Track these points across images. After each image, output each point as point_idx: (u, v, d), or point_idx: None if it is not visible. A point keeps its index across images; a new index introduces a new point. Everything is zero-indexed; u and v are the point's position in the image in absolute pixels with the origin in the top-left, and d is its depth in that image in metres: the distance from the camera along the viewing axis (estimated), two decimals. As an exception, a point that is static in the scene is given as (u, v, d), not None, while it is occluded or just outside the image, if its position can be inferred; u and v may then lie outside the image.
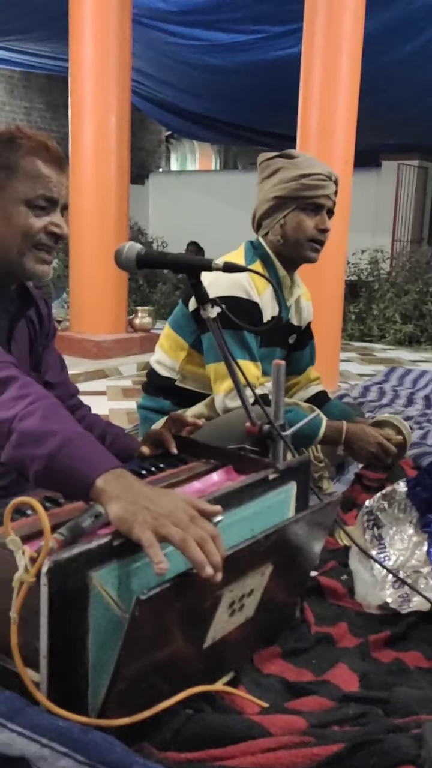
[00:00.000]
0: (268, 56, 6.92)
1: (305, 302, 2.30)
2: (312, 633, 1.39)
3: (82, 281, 5.26)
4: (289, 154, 2.13)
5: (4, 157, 1.36)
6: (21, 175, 1.36)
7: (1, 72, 9.53)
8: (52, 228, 1.39)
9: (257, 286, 2.02)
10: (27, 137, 1.39)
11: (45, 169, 1.37)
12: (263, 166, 2.14)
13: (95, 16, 4.89)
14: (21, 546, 0.94)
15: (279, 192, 2.07)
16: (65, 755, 0.89)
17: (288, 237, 2.08)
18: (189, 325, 2.09)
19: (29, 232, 1.38)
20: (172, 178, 12.06)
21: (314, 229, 2.07)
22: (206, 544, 0.96)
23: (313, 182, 2.04)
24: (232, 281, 1.94)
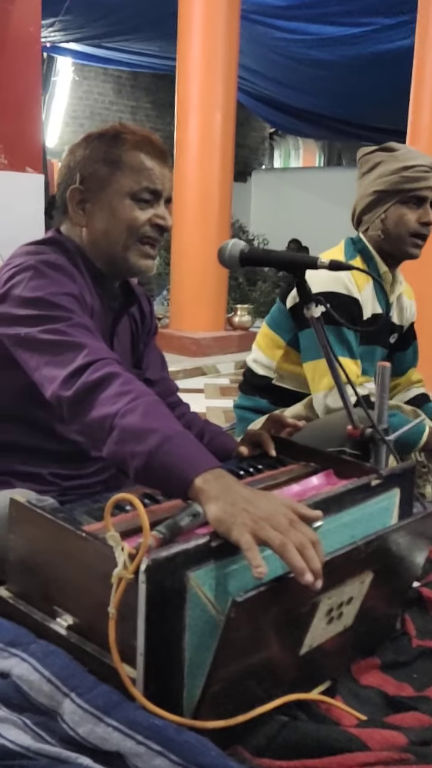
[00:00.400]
0: (377, 49, 6.79)
1: (408, 301, 2.23)
2: (413, 646, 1.34)
3: (182, 278, 5.33)
4: (389, 147, 2.06)
5: (109, 152, 1.39)
6: (126, 169, 1.38)
7: (110, 72, 9.76)
8: (157, 220, 1.41)
9: (357, 283, 1.97)
10: (131, 132, 1.41)
11: (149, 162, 1.39)
12: (363, 160, 2.09)
13: (204, 14, 4.93)
14: (120, 542, 0.95)
15: (379, 186, 2.01)
16: (160, 754, 0.89)
17: (389, 232, 2.02)
18: (286, 323, 2.06)
19: (134, 225, 1.39)
20: (275, 175, 12.03)
21: (417, 223, 1.99)
22: (306, 550, 0.94)
23: (415, 174, 1.96)
24: (332, 277, 1.90)
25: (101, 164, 1.39)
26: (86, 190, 1.41)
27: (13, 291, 1.31)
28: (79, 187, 1.41)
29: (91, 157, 1.40)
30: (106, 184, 1.40)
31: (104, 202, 1.40)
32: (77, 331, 1.26)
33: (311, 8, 6.34)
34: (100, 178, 1.40)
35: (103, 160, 1.39)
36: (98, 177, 1.40)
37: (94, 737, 0.93)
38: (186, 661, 0.98)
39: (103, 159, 1.39)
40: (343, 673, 1.23)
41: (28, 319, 1.28)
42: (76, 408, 1.18)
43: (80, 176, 1.41)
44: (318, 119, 9.85)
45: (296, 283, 1.44)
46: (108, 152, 1.39)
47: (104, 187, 1.40)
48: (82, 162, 1.41)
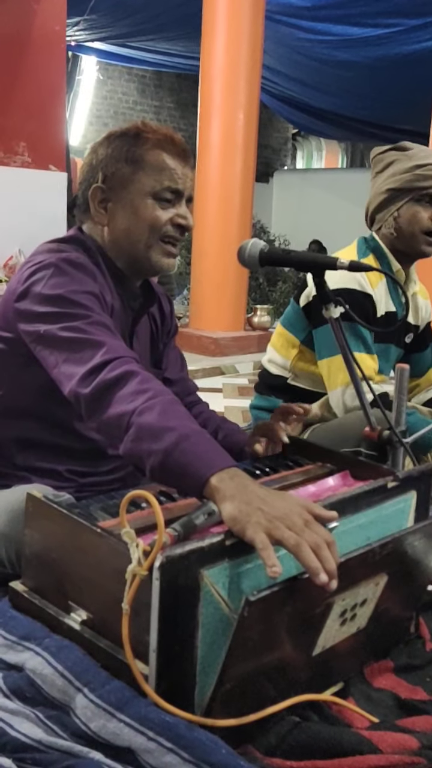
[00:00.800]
0: (402, 50, 6.74)
1: (423, 301, 2.22)
2: (427, 650, 1.33)
3: (203, 278, 5.33)
4: (402, 146, 2.06)
5: (131, 151, 1.40)
6: (147, 168, 1.39)
7: (134, 72, 9.79)
8: (178, 219, 1.42)
9: (370, 280, 1.97)
10: (152, 131, 1.42)
11: (170, 161, 1.40)
12: (376, 160, 2.09)
13: (228, 13, 4.93)
14: (135, 539, 0.95)
15: (392, 184, 2.01)
16: (171, 751, 0.90)
17: (402, 230, 2.01)
18: (300, 322, 2.07)
19: (156, 224, 1.40)
20: (297, 176, 11.99)
21: (430, 221, 1.99)
22: (321, 550, 0.94)
23: (428, 172, 1.96)
24: (345, 274, 1.90)
25: (123, 163, 1.40)
26: (108, 189, 1.42)
27: (33, 288, 1.32)
28: (101, 186, 1.42)
29: (113, 156, 1.41)
30: (128, 183, 1.40)
31: (126, 201, 1.41)
32: (96, 329, 1.26)
33: (336, 9, 6.31)
34: (121, 177, 1.40)
35: (125, 159, 1.40)
36: (120, 176, 1.40)
37: (105, 732, 0.94)
38: (198, 659, 0.98)
39: (125, 158, 1.40)
40: (355, 675, 1.23)
41: (48, 316, 1.29)
42: (93, 405, 1.19)
43: (102, 175, 1.42)
44: (341, 120, 9.80)
45: (315, 284, 1.44)
46: (130, 151, 1.40)
47: (126, 186, 1.40)
48: (105, 161, 1.42)
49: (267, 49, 6.04)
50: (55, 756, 0.93)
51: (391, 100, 8.05)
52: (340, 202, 10.17)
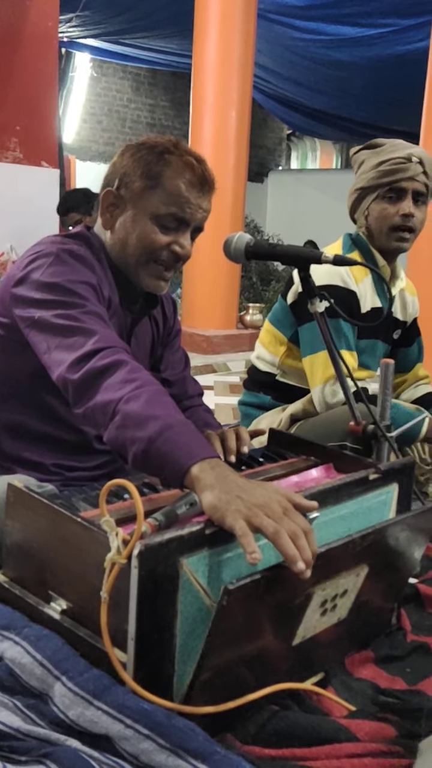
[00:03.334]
0: (395, 50, 6.75)
1: (410, 297, 2.23)
2: (408, 641, 1.34)
3: (195, 276, 5.33)
4: (374, 143, 2.06)
5: (150, 168, 1.39)
6: (160, 190, 1.38)
7: (129, 70, 9.78)
8: (175, 247, 1.41)
9: (355, 276, 1.97)
10: (180, 154, 1.40)
11: (185, 189, 1.39)
12: (353, 160, 2.10)
13: (221, 11, 4.93)
14: (115, 527, 0.95)
15: (360, 183, 2.01)
16: (147, 738, 0.90)
17: (372, 228, 2.02)
18: (287, 319, 2.07)
19: (151, 246, 1.40)
20: (292, 176, 11.99)
21: (397, 216, 1.97)
22: (299, 539, 0.94)
23: (391, 167, 1.95)
24: (330, 270, 1.90)
25: (139, 177, 1.39)
26: (119, 196, 1.42)
27: (32, 275, 1.33)
28: (114, 191, 1.43)
29: (133, 165, 1.41)
30: (137, 198, 1.40)
31: (130, 214, 1.41)
32: (90, 318, 1.27)
33: (329, 8, 6.32)
34: (133, 190, 1.40)
35: (142, 174, 1.39)
36: (132, 188, 1.40)
37: (83, 720, 0.94)
38: (177, 647, 0.98)
39: (143, 173, 1.39)
40: (336, 665, 1.23)
41: (43, 302, 1.30)
42: (81, 392, 1.20)
43: (119, 181, 1.42)
44: (335, 121, 9.81)
45: (301, 278, 1.45)
46: (149, 167, 1.39)
47: (135, 200, 1.41)
48: (126, 168, 1.42)
49: (261, 48, 6.05)
50: (33, 744, 0.93)
51: (385, 100, 8.06)
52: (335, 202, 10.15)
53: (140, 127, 10.06)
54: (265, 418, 2.08)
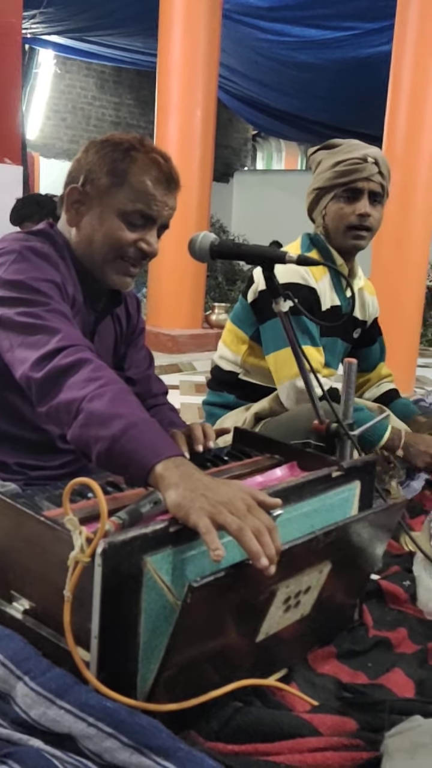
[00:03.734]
0: (359, 53, 6.82)
1: (369, 296, 2.26)
2: (370, 636, 1.36)
3: (160, 276, 5.32)
4: (330, 144, 2.08)
5: (116, 165, 1.38)
6: (126, 187, 1.38)
7: (93, 67, 9.71)
8: (141, 244, 1.41)
9: (314, 274, 2.00)
10: (144, 152, 1.39)
11: (152, 186, 1.38)
12: (311, 160, 2.12)
13: (185, 10, 4.92)
14: (78, 526, 0.95)
15: (318, 183, 2.04)
16: (110, 736, 0.90)
17: (329, 227, 2.05)
18: (249, 318, 2.08)
19: (117, 243, 1.40)
20: (257, 176, 12.04)
21: (353, 216, 2.00)
22: (263, 535, 0.95)
23: (346, 168, 1.98)
24: (290, 268, 1.92)
25: (105, 174, 1.39)
26: (84, 193, 1.41)
27: None
28: (79, 188, 1.41)
29: (98, 162, 1.40)
30: (103, 194, 1.39)
31: (97, 211, 1.40)
32: (53, 316, 1.26)
33: (294, 10, 6.35)
34: (99, 187, 1.39)
35: (108, 171, 1.38)
36: (98, 185, 1.39)
37: (45, 720, 0.93)
38: (141, 646, 0.98)
39: (108, 170, 1.38)
40: (299, 661, 1.25)
41: (6, 300, 1.28)
42: (45, 390, 1.19)
43: (84, 178, 1.41)
44: (300, 122, 9.87)
45: (265, 277, 1.46)
46: (115, 164, 1.38)
47: (101, 197, 1.40)
48: (90, 165, 1.41)
49: (226, 48, 6.06)
50: (-5, 744, 0.93)
51: (349, 102, 8.13)
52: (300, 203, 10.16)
53: (105, 125, 10.01)
54: (229, 417, 2.09)
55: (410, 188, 4.11)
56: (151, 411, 1.62)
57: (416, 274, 4.35)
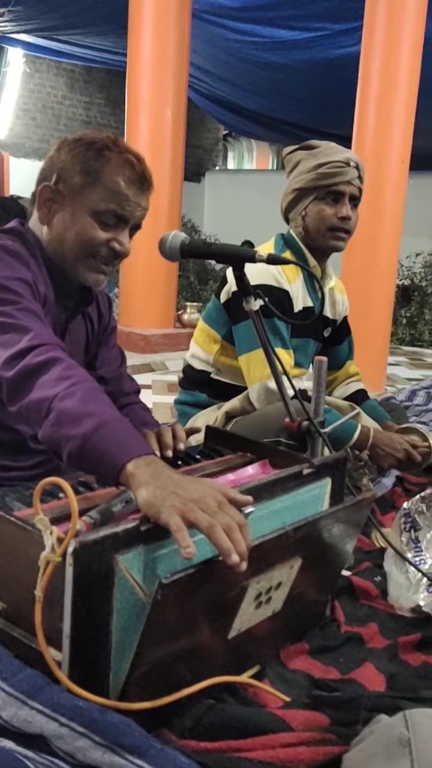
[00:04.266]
0: (328, 54, 6.85)
1: (340, 296, 2.28)
2: (341, 632, 1.37)
3: (131, 275, 5.30)
4: (309, 145, 2.11)
5: (89, 164, 1.38)
6: (99, 186, 1.38)
7: (63, 66, 9.65)
8: (113, 244, 1.41)
9: (287, 275, 2.01)
10: (118, 152, 1.39)
11: (124, 186, 1.38)
12: (287, 159, 2.14)
13: (155, 10, 4.91)
14: (49, 526, 0.95)
15: (298, 184, 2.06)
16: (83, 735, 0.90)
17: (309, 228, 2.07)
18: (221, 318, 2.09)
19: (89, 242, 1.40)
20: (229, 176, 12.06)
21: (334, 218, 2.03)
22: (233, 532, 0.95)
23: (330, 170, 2.01)
24: (263, 270, 1.94)
25: (77, 173, 1.38)
26: (57, 191, 1.40)
27: None
28: (51, 186, 1.41)
29: (72, 161, 1.39)
30: (75, 194, 1.39)
31: (69, 210, 1.40)
32: (25, 315, 1.25)
33: (264, 11, 6.35)
34: (72, 186, 1.39)
35: (81, 170, 1.38)
36: (71, 184, 1.39)
37: (17, 721, 0.93)
38: (113, 644, 0.98)
39: (81, 168, 1.38)
40: (272, 658, 1.25)
41: None
42: (15, 389, 1.18)
43: (56, 176, 1.40)
44: (271, 122, 9.89)
45: (236, 277, 1.46)
46: (88, 163, 1.38)
47: (74, 196, 1.39)
48: (63, 163, 1.40)
49: (197, 48, 6.05)
50: (-34, 746, 0.92)
51: (319, 103, 8.17)
52: (271, 202, 10.23)
53: (75, 125, 9.95)
54: (201, 416, 2.09)
55: (379, 188, 4.14)
56: (122, 410, 1.62)
57: (386, 273, 4.39)
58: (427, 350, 6.63)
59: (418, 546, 1.63)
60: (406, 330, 6.93)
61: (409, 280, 7.65)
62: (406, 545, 1.64)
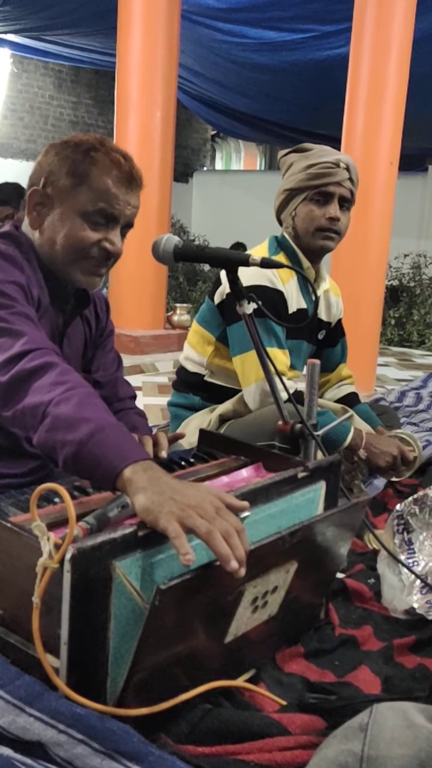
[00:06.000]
0: (316, 56, 6.86)
1: (334, 298, 2.29)
2: (336, 635, 1.37)
3: (121, 277, 5.30)
4: (303, 147, 2.12)
5: (76, 166, 1.37)
6: (87, 187, 1.37)
7: (51, 66, 9.62)
8: (105, 244, 1.40)
9: (281, 277, 2.02)
10: (105, 152, 1.39)
11: (113, 186, 1.37)
12: (281, 162, 2.16)
13: (144, 11, 4.91)
14: (46, 532, 0.95)
15: (289, 185, 2.07)
16: (81, 742, 0.89)
17: (299, 228, 2.08)
18: (215, 319, 2.10)
19: (80, 243, 1.39)
20: (217, 176, 12.07)
21: (323, 219, 2.04)
22: (231, 538, 0.96)
23: (319, 171, 2.02)
24: (257, 271, 1.94)
25: (65, 175, 1.38)
26: (46, 195, 1.40)
27: None
28: (40, 190, 1.40)
29: (59, 164, 1.39)
30: (64, 196, 1.38)
31: (58, 212, 1.39)
32: (18, 319, 1.25)
33: (252, 12, 6.36)
34: (60, 188, 1.38)
35: (69, 172, 1.37)
36: (59, 186, 1.38)
37: (15, 728, 0.93)
38: (110, 651, 0.98)
39: (69, 170, 1.37)
40: (267, 661, 1.26)
41: None
42: (10, 394, 1.18)
43: (44, 180, 1.40)
44: (259, 123, 9.90)
45: (229, 280, 1.46)
46: (75, 165, 1.37)
47: (63, 199, 1.39)
48: (51, 166, 1.39)
49: (185, 49, 6.04)
50: (-36, 754, 0.92)
51: (307, 104, 8.19)
52: (259, 203, 10.28)
53: (63, 125, 9.92)
54: (194, 419, 2.09)
55: (368, 189, 4.16)
56: (117, 415, 1.61)
57: (376, 274, 4.41)
58: (416, 351, 6.67)
59: (411, 548, 1.63)
60: (395, 331, 6.96)
61: (398, 281, 7.68)
62: (399, 547, 1.65)
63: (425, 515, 1.69)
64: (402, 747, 0.85)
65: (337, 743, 0.90)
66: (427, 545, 1.64)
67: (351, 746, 0.87)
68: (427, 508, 1.70)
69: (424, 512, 1.69)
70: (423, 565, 1.59)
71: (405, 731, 0.87)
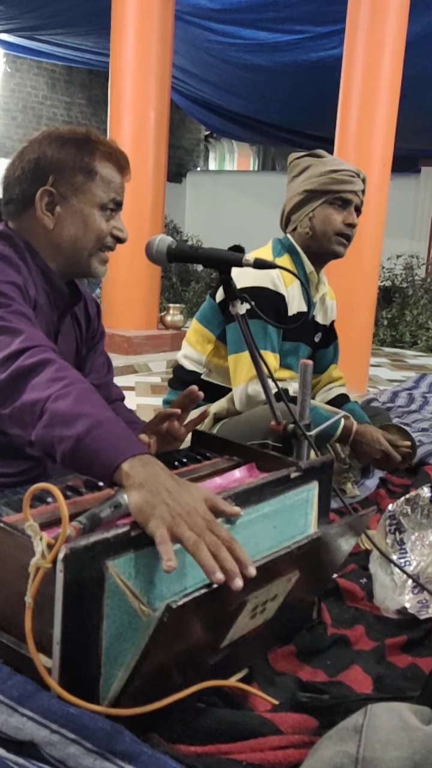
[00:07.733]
0: (309, 57, 6.87)
1: (330, 301, 2.31)
2: (328, 634, 1.38)
3: (114, 277, 5.29)
4: (318, 153, 2.18)
5: (85, 162, 1.40)
6: (98, 179, 1.41)
7: (44, 66, 9.61)
8: (116, 231, 1.46)
9: (285, 279, 2.04)
10: (101, 142, 1.44)
11: (115, 174, 1.44)
12: (293, 164, 2.18)
13: (137, 11, 4.90)
14: (39, 532, 0.95)
15: (309, 186, 2.09)
16: (74, 742, 0.90)
17: (316, 230, 2.10)
18: (216, 317, 2.10)
19: (102, 235, 1.44)
20: (210, 177, 12.07)
21: (342, 223, 2.10)
22: (220, 551, 0.96)
23: (342, 177, 2.07)
24: (261, 273, 1.96)
25: (77, 171, 1.40)
26: (58, 194, 1.41)
27: None
28: (51, 189, 1.41)
29: (66, 161, 1.40)
30: (79, 192, 1.41)
31: (76, 209, 1.41)
32: (16, 317, 1.25)
33: (245, 13, 6.36)
34: (74, 185, 1.40)
35: (80, 168, 1.40)
36: (73, 183, 1.40)
37: (7, 728, 0.93)
38: (103, 650, 0.98)
39: (80, 167, 1.40)
40: (260, 661, 1.26)
41: None
42: (8, 391, 1.18)
43: (53, 178, 1.40)
44: (252, 123, 9.90)
45: (222, 280, 1.47)
46: (84, 161, 1.40)
47: (78, 195, 1.41)
48: (56, 164, 1.40)
49: (178, 49, 6.04)
50: None
51: (301, 105, 8.20)
52: (252, 203, 10.30)
53: (56, 125, 9.91)
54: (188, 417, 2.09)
55: (362, 191, 4.17)
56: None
57: (368, 274, 4.42)
58: (408, 351, 6.68)
59: (403, 548, 1.64)
60: (387, 331, 6.98)
61: (390, 282, 7.70)
62: (391, 547, 1.66)
63: (417, 515, 1.70)
64: (397, 749, 0.85)
65: (332, 744, 0.90)
66: (419, 545, 1.64)
67: (346, 747, 0.87)
68: (419, 509, 1.70)
69: (416, 512, 1.70)
70: (415, 564, 1.60)
71: (400, 733, 0.87)
